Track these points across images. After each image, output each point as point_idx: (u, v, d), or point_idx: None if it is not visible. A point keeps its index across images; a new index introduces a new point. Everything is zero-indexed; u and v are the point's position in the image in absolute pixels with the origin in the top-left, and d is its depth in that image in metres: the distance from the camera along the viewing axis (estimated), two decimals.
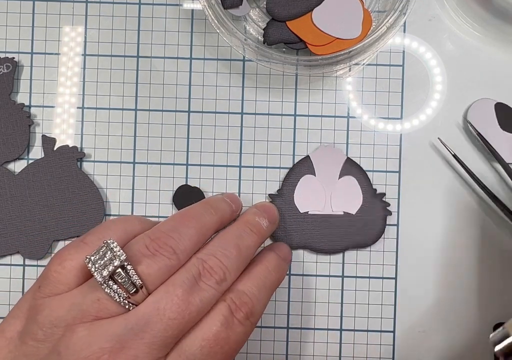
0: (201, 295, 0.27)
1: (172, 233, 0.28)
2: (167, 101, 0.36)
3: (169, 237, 0.28)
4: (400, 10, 0.33)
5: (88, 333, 0.25)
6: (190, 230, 0.29)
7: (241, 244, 0.30)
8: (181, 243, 0.28)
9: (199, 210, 0.31)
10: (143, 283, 0.26)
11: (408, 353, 0.36)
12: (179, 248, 0.28)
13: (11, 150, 0.36)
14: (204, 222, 0.30)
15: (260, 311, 0.29)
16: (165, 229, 0.29)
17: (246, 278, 0.30)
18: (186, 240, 0.28)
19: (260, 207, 0.33)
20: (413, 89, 0.36)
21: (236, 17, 0.35)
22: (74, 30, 0.37)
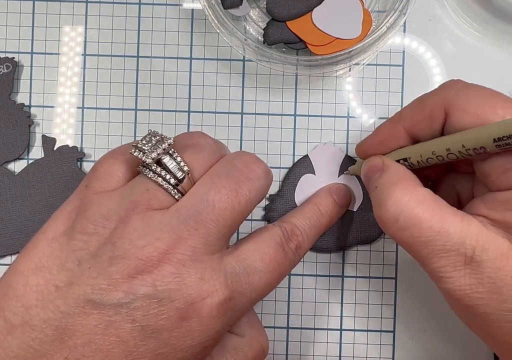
0: (249, 185, 0.26)
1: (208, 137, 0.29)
2: (167, 101, 0.36)
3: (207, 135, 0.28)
4: (400, 10, 0.33)
5: (143, 224, 0.24)
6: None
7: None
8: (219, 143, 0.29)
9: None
10: (190, 169, 0.26)
11: (408, 353, 0.36)
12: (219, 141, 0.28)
13: (11, 150, 0.36)
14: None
15: (307, 247, 0.29)
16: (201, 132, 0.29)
17: (300, 215, 0.30)
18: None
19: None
20: (413, 89, 0.36)
21: (236, 17, 0.35)
22: (74, 30, 0.37)
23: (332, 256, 0.36)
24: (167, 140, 0.26)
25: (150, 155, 0.25)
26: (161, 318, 0.23)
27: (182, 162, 0.26)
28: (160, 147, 0.25)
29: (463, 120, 0.26)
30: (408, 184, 0.27)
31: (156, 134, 0.26)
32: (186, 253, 0.24)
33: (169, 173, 0.25)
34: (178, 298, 0.24)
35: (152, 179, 0.25)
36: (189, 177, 0.26)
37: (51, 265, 0.24)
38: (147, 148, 0.26)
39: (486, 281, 0.25)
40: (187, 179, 0.26)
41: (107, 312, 0.23)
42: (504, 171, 0.25)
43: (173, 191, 0.25)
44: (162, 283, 0.23)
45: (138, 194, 0.25)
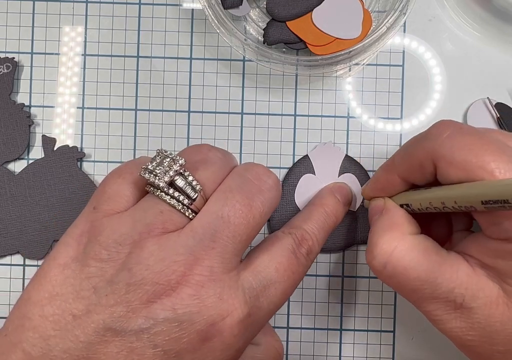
0: (261, 198, 0.26)
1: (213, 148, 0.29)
2: (167, 101, 0.36)
3: (214, 147, 0.28)
4: (400, 10, 0.33)
5: (159, 247, 0.24)
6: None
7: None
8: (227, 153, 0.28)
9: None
10: (202, 187, 0.26)
11: (408, 353, 0.36)
12: (228, 152, 0.28)
13: (11, 150, 0.36)
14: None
15: (317, 250, 0.29)
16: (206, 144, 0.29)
17: (307, 219, 0.30)
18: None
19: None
20: (413, 89, 0.36)
21: (236, 17, 0.35)
22: (74, 30, 0.37)
23: (332, 256, 0.36)
24: (178, 161, 0.25)
25: (163, 178, 0.25)
26: (183, 341, 0.23)
27: (194, 181, 0.25)
28: (172, 169, 0.25)
29: (451, 174, 0.25)
30: (398, 232, 0.27)
31: (166, 155, 0.26)
32: (204, 274, 0.24)
33: (183, 194, 0.25)
34: (198, 320, 0.23)
35: (165, 201, 0.25)
36: (202, 195, 0.25)
37: (65, 293, 0.24)
38: (159, 170, 0.25)
39: (477, 326, 0.25)
40: (199, 197, 0.25)
41: (129, 339, 0.23)
42: (494, 224, 0.25)
43: (187, 212, 0.25)
44: (182, 306, 0.23)
45: (152, 217, 0.25)
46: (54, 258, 0.25)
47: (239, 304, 0.24)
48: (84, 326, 0.23)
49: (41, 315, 0.24)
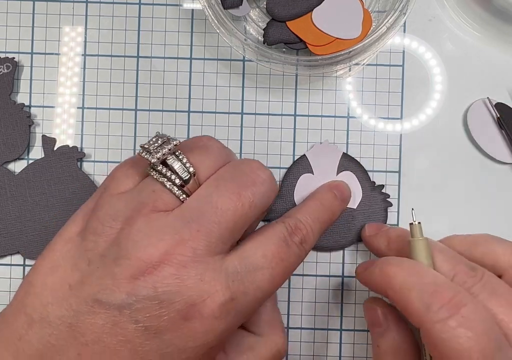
0: (253, 189, 0.26)
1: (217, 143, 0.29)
2: (167, 101, 0.36)
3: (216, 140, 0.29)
4: (400, 10, 0.33)
5: (146, 225, 0.25)
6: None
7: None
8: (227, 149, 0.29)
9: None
10: (196, 171, 0.26)
11: None
12: (227, 147, 0.29)
13: (11, 150, 0.36)
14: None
15: (312, 241, 0.29)
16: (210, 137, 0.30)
17: (302, 209, 0.30)
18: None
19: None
20: (413, 89, 0.36)
21: (236, 17, 0.35)
22: (74, 30, 0.37)
23: (332, 256, 0.36)
24: (173, 141, 0.26)
25: (155, 155, 0.26)
26: (163, 319, 0.24)
27: (187, 163, 0.26)
28: (165, 148, 0.26)
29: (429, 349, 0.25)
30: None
31: (163, 136, 0.27)
32: (187, 254, 0.24)
33: (174, 173, 0.26)
34: (178, 300, 0.24)
35: (158, 180, 0.26)
36: (195, 179, 0.26)
37: (66, 265, 0.25)
38: (152, 148, 0.26)
39: None
40: (192, 180, 0.26)
41: (112, 312, 0.24)
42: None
43: (178, 192, 0.26)
44: (162, 284, 0.24)
45: (144, 196, 0.26)
46: (61, 233, 0.27)
47: (220, 286, 0.24)
48: (77, 296, 0.24)
49: (43, 283, 0.25)
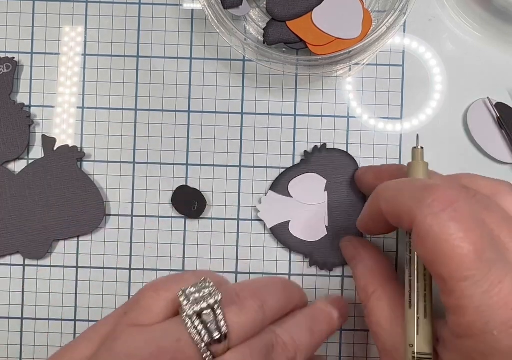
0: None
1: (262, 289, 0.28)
2: (167, 101, 0.36)
3: (258, 292, 0.27)
4: (400, 10, 0.33)
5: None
6: (279, 292, 0.28)
7: (314, 327, 0.29)
8: (270, 301, 0.27)
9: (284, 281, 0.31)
10: (228, 331, 0.25)
11: None
12: (268, 304, 0.27)
13: (11, 150, 0.36)
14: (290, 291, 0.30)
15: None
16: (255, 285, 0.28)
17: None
18: (275, 298, 0.27)
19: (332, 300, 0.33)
20: (413, 89, 0.36)
21: (236, 17, 0.35)
22: (74, 30, 0.37)
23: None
24: (215, 295, 0.25)
25: (193, 307, 0.24)
26: None
27: (222, 322, 0.25)
28: (206, 301, 0.24)
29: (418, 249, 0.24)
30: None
31: (207, 285, 0.25)
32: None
33: (205, 328, 0.24)
34: None
35: (187, 329, 0.24)
36: (225, 344, 0.25)
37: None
38: (193, 298, 0.25)
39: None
40: (222, 344, 0.24)
41: None
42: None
43: (202, 349, 0.24)
44: None
45: (167, 342, 0.24)
46: (72, 351, 0.25)
47: None
48: None
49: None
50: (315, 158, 0.35)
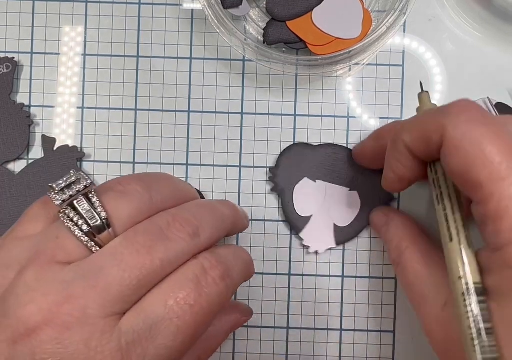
0: (168, 245, 0.23)
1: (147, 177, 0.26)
2: (167, 101, 0.36)
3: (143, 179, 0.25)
4: (400, 10, 0.33)
5: (35, 278, 0.21)
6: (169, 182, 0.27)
7: (216, 209, 0.27)
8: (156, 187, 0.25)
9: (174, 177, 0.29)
10: (110, 217, 0.23)
11: (408, 353, 0.36)
12: (154, 190, 0.25)
13: (11, 150, 0.36)
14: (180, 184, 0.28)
15: (237, 279, 0.25)
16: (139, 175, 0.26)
17: (222, 246, 0.27)
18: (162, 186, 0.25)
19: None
20: (413, 89, 0.36)
21: (236, 17, 0.35)
22: (74, 30, 0.37)
23: (332, 256, 0.36)
24: (85, 181, 0.23)
25: (61, 196, 0.23)
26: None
27: (99, 207, 0.23)
28: (74, 188, 0.23)
29: (453, 160, 0.24)
30: None
31: (74, 174, 0.24)
32: (74, 315, 0.21)
33: (82, 218, 0.23)
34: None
35: (64, 224, 0.23)
36: (110, 231, 0.23)
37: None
38: (59, 188, 0.23)
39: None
40: (106, 232, 0.23)
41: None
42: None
43: (85, 240, 0.23)
44: (41, 350, 0.20)
45: (45, 242, 0.23)
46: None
47: (109, 352, 0.21)
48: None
49: None
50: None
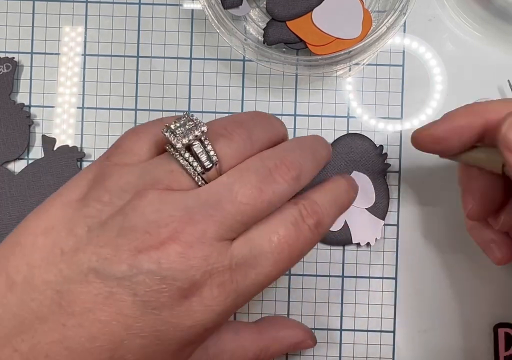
0: (274, 187, 0.25)
1: (247, 121, 0.27)
2: (167, 101, 0.37)
3: (245, 124, 0.27)
4: (400, 10, 0.33)
5: (159, 199, 0.24)
6: (266, 124, 0.28)
7: (316, 151, 0.29)
8: (256, 130, 0.27)
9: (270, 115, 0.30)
10: (219, 160, 0.25)
11: (408, 353, 0.36)
12: (254, 134, 0.27)
13: (11, 150, 0.36)
14: (276, 124, 0.29)
15: (328, 224, 0.28)
16: (240, 118, 0.28)
17: (319, 191, 0.28)
18: (261, 129, 0.27)
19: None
20: (413, 89, 0.36)
21: (236, 17, 0.35)
22: (74, 30, 0.37)
23: (332, 256, 0.36)
24: (201, 127, 0.25)
25: (181, 140, 0.25)
26: (163, 295, 0.23)
27: (212, 151, 0.25)
28: (192, 133, 0.25)
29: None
30: None
31: (191, 118, 0.26)
32: (195, 235, 0.24)
33: (197, 160, 0.25)
34: (180, 278, 0.23)
35: (178, 162, 0.25)
36: (216, 168, 0.25)
37: (60, 228, 0.24)
38: (179, 132, 0.25)
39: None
40: (214, 169, 0.25)
41: (109, 283, 0.23)
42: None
43: (197, 177, 0.25)
44: (167, 261, 0.23)
45: (161, 173, 0.25)
46: (61, 195, 0.25)
47: (223, 268, 0.24)
48: (69, 262, 0.23)
49: (33, 244, 0.24)
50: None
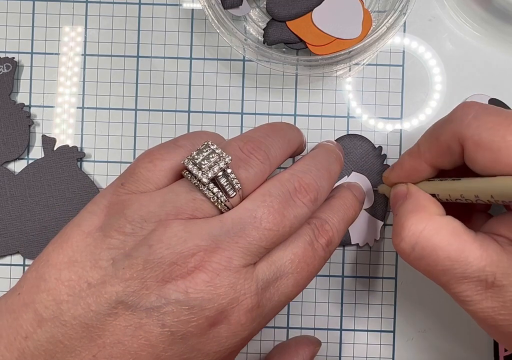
0: (295, 211, 0.26)
1: (263, 138, 0.27)
2: (167, 101, 0.37)
3: (261, 142, 0.27)
4: (400, 10, 0.33)
5: (184, 229, 0.24)
6: (281, 139, 0.28)
7: (331, 168, 0.29)
8: (273, 149, 0.27)
9: (285, 125, 0.30)
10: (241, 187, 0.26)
11: (408, 353, 0.36)
12: (271, 154, 0.27)
13: (11, 150, 0.36)
14: (291, 137, 0.29)
15: (337, 242, 0.29)
16: (256, 135, 0.28)
17: (328, 209, 0.29)
18: (277, 147, 0.28)
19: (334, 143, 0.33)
20: (413, 89, 0.36)
21: (236, 17, 0.35)
22: (74, 30, 0.37)
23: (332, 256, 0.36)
24: (225, 158, 0.25)
25: (207, 173, 0.25)
26: (191, 324, 0.23)
27: (235, 180, 0.25)
28: (217, 165, 0.25)
29: (479, 155, 0.25)
30: (425, 213, 0.27)
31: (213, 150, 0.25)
32: (222, 263, 0.24)
33: (222, 190, 0.25)
34: (209, 307, 0.23)
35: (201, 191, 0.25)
36: (240, 194, 0.26)
37: (84, 261, 0.24)
38: (204, 165, 0.25)
39: (509, 304, 0.25)
40: (236, 195, 0.25)
41: (138, 314, 0.23)
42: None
43: (220, 205, 0.25)
44: (195, 290, 0.23)
45: (183, 202, 0.25)
46: (79, 225, 0.25)
47: (250, 294, 0.24)
48: (97, 296, 0.23)
49: (57, 278, 0.24)
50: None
